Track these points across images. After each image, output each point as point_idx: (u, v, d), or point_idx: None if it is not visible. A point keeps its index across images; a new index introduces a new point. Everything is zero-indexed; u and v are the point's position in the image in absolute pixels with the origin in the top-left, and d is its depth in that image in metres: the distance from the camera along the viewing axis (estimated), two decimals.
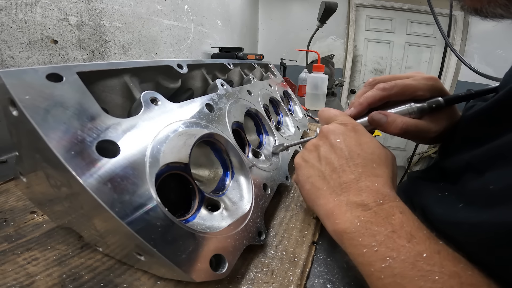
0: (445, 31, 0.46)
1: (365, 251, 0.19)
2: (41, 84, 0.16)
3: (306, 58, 1.50)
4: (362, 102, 0.31)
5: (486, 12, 0.22)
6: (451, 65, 2.35)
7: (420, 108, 0.29)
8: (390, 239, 0.18)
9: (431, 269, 0.16)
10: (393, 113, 0.29)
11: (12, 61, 0.49)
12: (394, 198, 0.22)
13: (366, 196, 0.22)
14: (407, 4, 2.32)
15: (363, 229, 0.20)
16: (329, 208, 0.23)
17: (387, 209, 0.20)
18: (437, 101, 0.29)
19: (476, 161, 0.24)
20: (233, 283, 0.22)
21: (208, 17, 1.27)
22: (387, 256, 0.18)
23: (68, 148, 0.16)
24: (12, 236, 0.25)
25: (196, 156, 0.28)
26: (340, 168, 0.24)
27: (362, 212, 0.21)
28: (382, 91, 0.30)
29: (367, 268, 0.19)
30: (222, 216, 0.24)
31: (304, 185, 0.27)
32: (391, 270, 0.17)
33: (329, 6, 1.15)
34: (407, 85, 0.30)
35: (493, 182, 0.20)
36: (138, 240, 0.17)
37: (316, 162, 0.27)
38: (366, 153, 0.25)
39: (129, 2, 0.77)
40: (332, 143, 0.26)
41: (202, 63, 0.37)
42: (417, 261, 0.17)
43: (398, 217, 0.20)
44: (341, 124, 0.28)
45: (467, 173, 0.24)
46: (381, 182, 0.23)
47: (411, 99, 0.30)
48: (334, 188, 0.24)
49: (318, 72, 0.92)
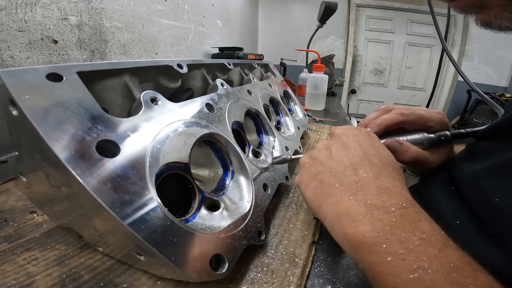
0: (443, 34, 0.47)
1: (389, 259, 0.17)
2: (41, 84, 0.16)
3: (306, 58, 1.51)
4: (380, 124, 0.31)
5: (496, 25, 0.22)
6: (451, 65, 2.34)
7: (431, 139, 0.31)
8: (420, 247, 0.16)
9: (464, 281, 0.15)
10: (407, 143, 0.30)
11: (12, 61, 0.49)
12: (416, 204, 0.20)
13: (387, 198, 0.20)
14: (407, 4, 2.32)
15: (388, 234, 0.17)
16: (342, 208, 0.21)
17: (412, 214, 0.18)
18: (445, 134, 0.31)
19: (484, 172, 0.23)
20: (233, 283, 0.22)
21: (208, 17, 1.27)
22: (416, 266, 0.16)
23: (68, 148, 0.16)
24: (12, 236, 0.25)
25: (196, 156, 0.28)
26: (355, 165, 0.23)
27: (385, 215, 0.18)
28: (400, 115, 0.31)
29: (390, 279, 0.17)
30: (222, 216, 0.24)
31: (309, 183, 0.25)
32: (421, 282, 0.15)
33: (329, 6, 1.15)
34: (422, 115, 0.31)
35: (497, 195, 0.19)
36: (138, 240, 0.17)
37: (327, 159, 0.25)
38: (382, 156, 0.24)
39: (129, 2, 0.77)
40: (345, 142, 0.25)
41: (202, 63, 0.37)
42: (451, 272, 0.15)
43: (425, 224, 0.18)
44: (354, 129, 0.27)
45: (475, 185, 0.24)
46: (400, 185, 0.21)
47: (422, 129, 0.31)
48: (349, 186, 0.22)
49: (318, 72, 0.92)
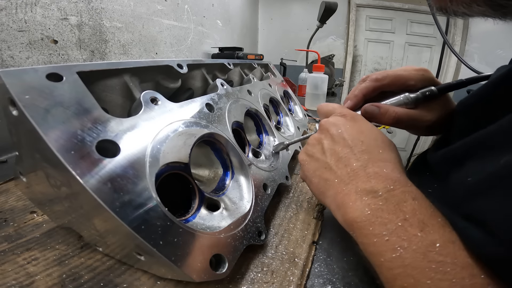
0: (444, 30, 0.46)
1: (375, 240, 0.18)
2: (41, 84, 0.16)
3: (306, 58, 1.50)
4: (357, 94, 0.31)
5: (451, 10, 0.22)
6: (451, 65, 2.34)
7: (415, 98, 0.30)
8: (401, 227, 0.18)
9: (443, 260, 0.16)
10: (385, 104, 0.30)
11: (12, 61, 0.49)
12: (406, 183, 0.21)
13: (375, 183, 0.21)
14: (407, 4, 2.32)
15: (374, 217, 0.19)
16: (339, 198, 0.23)
17: (398, 195, 0.20)
18: (430, 90, 0.30)
19: (460, 151, 0.22)
20: (233, 283, 0.22)
21: (208, 17, 1.27)
22: (397, 245, 0.17)
23: (68, 147, 0.16)
24: (12, 236, 0.25)
25: (196, 156, 0.28)
26: (346, 156, 0.24)
27: (373, 199, 0.20)
28: (374, 81, 0.31)
29: (377, 258, 0.18)
30: (222, 216, 0.24)
31: (311, 179, 0.27)
32: (402, 260, 0.17)
33: (329, 6, 1.15)
34: (398, 75, 0.30)
35: (471, 174, 0.18)
36: (138, 240, 0.17)
37: (320, 155, 0.27)
38: (370, 139, 0.24)
39: (129, 2, 0.77)
40: (333, 134, 0.26)
41: (202, 63, 0.37)
42: (429, 251, 0.16)
43: (410, 204, 0.19)
44: (340, 116, 0.28)
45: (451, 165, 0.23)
46: (390, 167, 0.22)
47: (404, 89, 0.30)
48: (342, 178, 0.23)
49: (318, 72, 0.92)
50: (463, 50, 2.28)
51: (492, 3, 0.19)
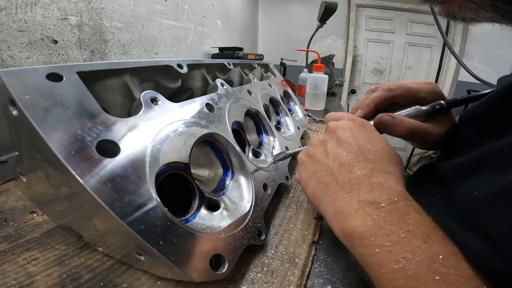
0: (444, 31, 0.46)
1: (377, 251, 0.18)
2: (41, 84, 0.16)
3: (306, 58, 1.50)
4: (369, 103, 0.31)
5: (459, 16, 0.22)
6: (451, 65, 2.34)
7: (425, 111, 0.30)
8: (405, 239, 0.17)
9: (446, 272, 0.16)
10: (399, 115, 0.30)
11: (12, 61, 0.49)
12: (408, 197, 0.21)
13: (379, 194, 0.21)
14: (407, 4, 2.32)
15: (376, 228, 0.19)
16: (338, 205, 0.22)
17: (402, 208, 0.19)
18: (440, 103, 0.30)
19: (469, 164, 0.23)
20: (233, 283, 0.22)
21: (208, 17, 1.27)
22: (401, 257, 0.17)
23: (68, 147, 0.16)
24: (12, 236, 0.25)
25: (196, 156, 0.28)
26: (350, 163, 0.23)
27: (376, 210, 0.20)
28: (387, 91, 0.30)
29: (377, 269, 0.18)
30: (222, 216, 0.24)
31: (308, 181, 0.26)
32: (405, 272, 0.16)
33: (329, 6, 1.15)
34: (410, 87, 0.30)
35: (478, 187, 0.19)
36: (138, 240, 0.17)
37: (322, 157, 0.26)
38: (377, 148, 0.24)
39: (129, 2, 0.77)
40: (340, 137, 0.25)
41: (202, 63, 0.37)
42: (433, 263, 0.16)
43: (413, 216, 0.19)
44: (349, 120, 0.27)
45: (458, 177, 0.24)
46: (394, 179, 0.22)
47: (414, 102, 0.30)
48: (344, 184, 0.22)
49: (318, 72, 0.92)
50: (463, 50, 2.28)
51: (500, 9, 0.19)
